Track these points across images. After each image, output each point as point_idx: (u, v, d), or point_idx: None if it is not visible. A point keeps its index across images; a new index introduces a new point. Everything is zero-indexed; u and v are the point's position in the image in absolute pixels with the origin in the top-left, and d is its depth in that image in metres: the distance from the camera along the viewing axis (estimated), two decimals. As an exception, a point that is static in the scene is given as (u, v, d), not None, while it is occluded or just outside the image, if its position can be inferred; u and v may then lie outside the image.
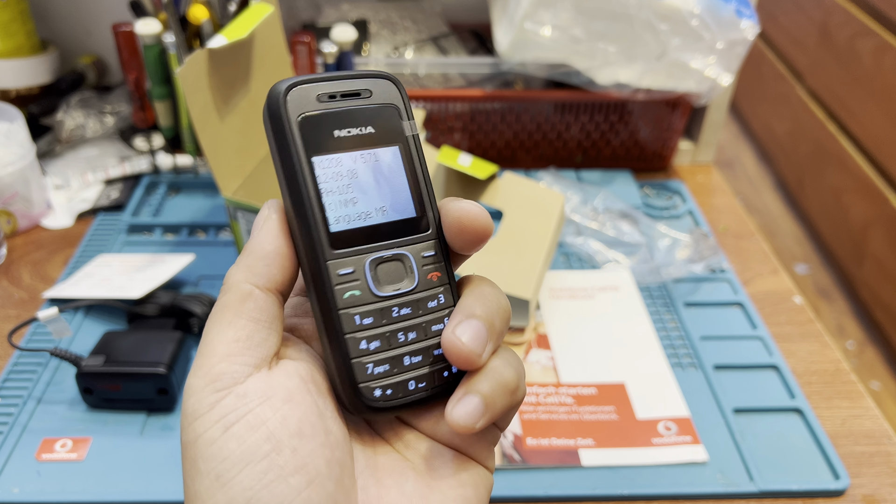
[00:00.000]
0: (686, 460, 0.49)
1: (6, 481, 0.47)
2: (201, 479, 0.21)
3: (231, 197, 0.56)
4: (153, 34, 0.68)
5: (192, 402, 0.22)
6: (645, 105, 0.78)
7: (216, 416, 0.21)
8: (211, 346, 0.23)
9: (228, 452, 0.21)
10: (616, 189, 0.77)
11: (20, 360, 0.55)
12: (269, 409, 0.22)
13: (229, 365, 0.22)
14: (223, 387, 0.22)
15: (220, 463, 0.21)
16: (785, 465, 0.49)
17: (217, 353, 0.22)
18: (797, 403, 0.54)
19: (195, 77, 0.52)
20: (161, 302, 0.57)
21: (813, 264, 1.40)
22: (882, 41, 1.23)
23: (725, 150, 1.74)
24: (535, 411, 0.52)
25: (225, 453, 0.21)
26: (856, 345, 1.22)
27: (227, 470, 0.21)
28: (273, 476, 0.21)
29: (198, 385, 0.22)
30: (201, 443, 0.21)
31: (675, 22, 0.69)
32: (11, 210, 0.68)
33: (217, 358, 0.22)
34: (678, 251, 0.67)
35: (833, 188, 1.38)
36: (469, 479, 0.24)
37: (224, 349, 0.22)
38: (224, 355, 0.22)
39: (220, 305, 0.23)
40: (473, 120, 0.79)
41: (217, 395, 0.22)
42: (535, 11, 0.70)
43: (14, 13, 0.75)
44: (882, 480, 0.49)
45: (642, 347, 0.58)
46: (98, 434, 0.50)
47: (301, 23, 0.89)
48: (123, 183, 0.76)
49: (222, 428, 0.21)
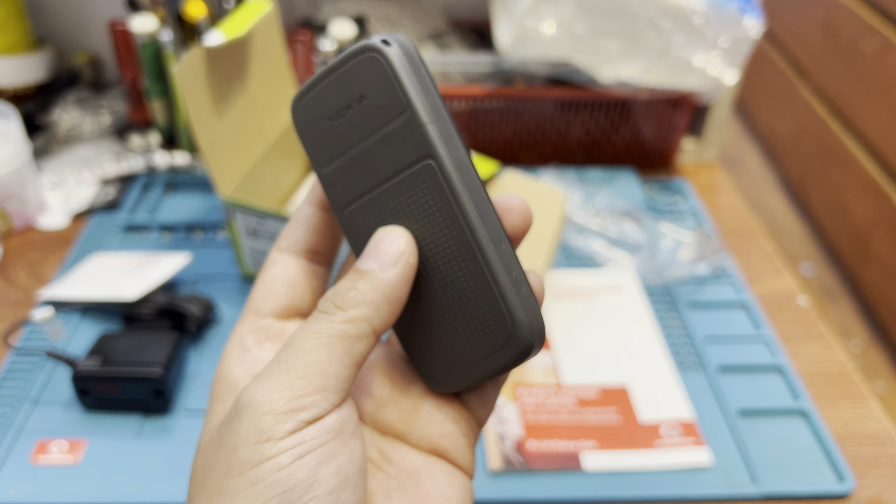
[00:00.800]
0: (690, 463, 0.48)
1: (1, 483, 0.46)
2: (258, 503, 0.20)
3: (228, 196, 0.56)
4: (149, 32, 0.68)
5: (268, 422, 0.21)
6: (648, 103, 0.77)
7: (292, 442, 0.20)
8: (310, 370, 0.21)
9: (296, 483, 0.20)
10: (618, 188, 0.77)
11: (15, 361, 0.55)
12: (341, 443, 0.21)
13: (322, 400, 0.21)
14: (307, 419, 0.21)
15: (285, 491, 0.20)
16: (789, 467, 0.49)
17: (315, 384, 0.21)
18: (801, 405, 0.53)
19: (192, 75, 0.51)
20: (157, 303, 0.56)
21: (817, 264, 1.39)
22: (886, 40, 1.22)
23: (729, 149, 1.73)
24: (536, 413, 0.51)
25: (292, 482, 0.20)
26: (860, 345, 1.22)
27: (292, 501, 0.20)
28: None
29: (281, 406, 0.21)
30: (269, 466, 0.20)
31: (678, 19, 0.68)
32: (6, 209, 0.68)
33: (313, 388, 0.21)
34: (681, 251, 0.66)
35: (837, 187, 1.37)
36: (454, 494, 0.24)
37: (323, 382, 0.21)
38: (321, 388, 0.21)
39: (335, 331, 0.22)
40: (474, 118, 0.78)
41: (299, 425, 0.21)
42: (536, 8, 0.69)
43: (9, 11, 0.74)
44: (887, 482, 0.49)
45: (645, 348, 0.57)
46: (94, 436, 0.49)
47: (299, 20, 0.88)
48: (119, 182, 0.75)
49: (295, 455, 0.20)
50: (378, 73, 0.23)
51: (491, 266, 0.22)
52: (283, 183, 0.65)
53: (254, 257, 0.60)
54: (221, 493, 0.20)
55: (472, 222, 0.23)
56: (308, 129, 0.24)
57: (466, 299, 0.23)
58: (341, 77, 0.24)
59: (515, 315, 0.22)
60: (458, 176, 0.23)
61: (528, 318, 0.23)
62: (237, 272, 0.63)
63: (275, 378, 0.21)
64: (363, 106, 0.23)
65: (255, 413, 0.21)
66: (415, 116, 0.22)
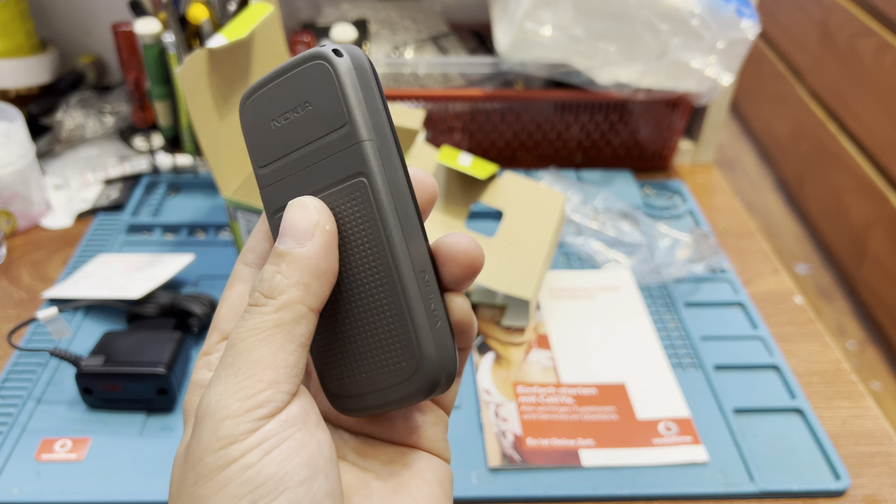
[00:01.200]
0: (686, 460, 0.49)
1: (6, 481, 0.47)
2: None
3: (231, 197, 0.56)
4: (153, 34, 0.68)
5: (228, 426, 0.21)
6: (645, 105, 0.78)
7: (256, 440, 0.20)
8: (257, 367, 0.21)
9: (266, 478, 0.20)
10: (616, 189, 0.77)
11: (20, 361, 0.55)
12: (307, 434, 0.21)
13: (276, 393, 0.21)
14: (266, 415, 0.21)
15: (256, 488, 0.20)
16: (785, 465, 0.49)
17: (265, 379, 0.21)
18: (798, 404, 0.54)
19: (195, 77, 0.51)
20: (161, 302, 0.56)
21: (813, 264, 1.40)
22: (882, 41, 1.23)
23: (726, 150, 1.74)
24: (535, 411, 0.52)
25: (262, 478, 0.20)
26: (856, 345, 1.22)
27: (264, 496, 0.20)
28: (308, 502, 0.20)
29: (236, 409, 0.21)
30: (237, 467, 0.20)
31: (676, 21, 0.69)
32: (11, 210, 0.68)
33: (264, 384, 0.21)
34: (678, 251, 0.67)
35: (833, 188, 1.38)
36: (433, 477, 0.24)
37: (272, 375, 0.21)
38: (271, 382, 0.21)
39: (271, 322, 0.22)
40: (473, 120, 0.79)
41: (258, 423, 0.21)
42: (535, 11, 0.69)
43: (13, 13, 0.75)
44: (883, 481, 0.49)
45: (643, 347, 0.58)
46: (98, 434, 0.50)
47: (301, 22, 0.89)
48: (123, 183, 0.76)
49: (262, 452, 0.20)
50: (325, 81, 0.22)
51: (408, 296, 0.22)
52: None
53: (256, 257, 0.61)
54: (194, 500, 0.20)
55: (396, 247, 0.22)
56: (252, 128, 0.24)
57: (381, 325, 0.23)
58: (289, 80, 0.23)
59: (424, 348, 0.22)
60: (390, 197, 0.22)
61: (438, 353, 0.22)
62: (239, 272, 0.64)
63: (224, 384, 0.21)
64: (307, 112, 0.23)
65: (212, 421, 0.21)
66: (354, 131, 0.22)
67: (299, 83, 0.23)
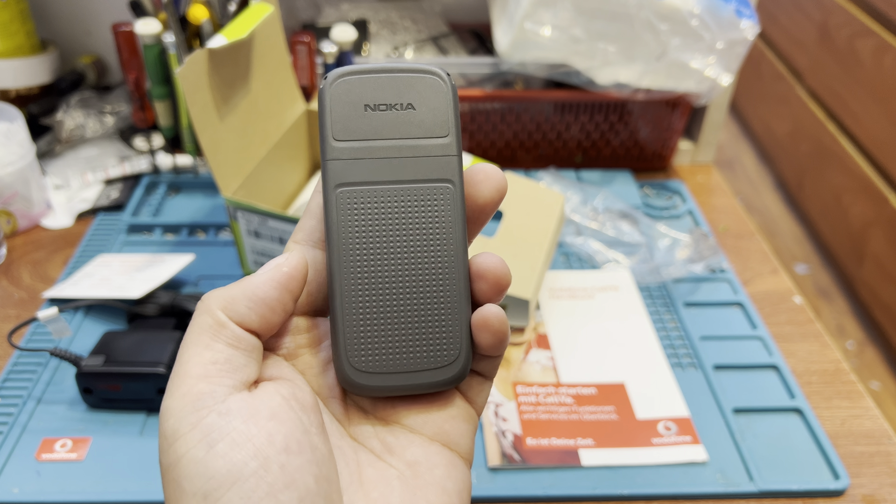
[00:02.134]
0: (686, 460, 0.49)
1: (6, 481, 0.47)
2: (187, 500, 0.20)
3: (231, 197, 0.56)
4: (153, 34, 0.68)
5: (171, 424, 0.21)
6: (645, 105, 0.78)
7: (199, 434, 0.21)
8: (187, 367, 0.22)
9: (214, 471, 0.20)
10: (616, 189, 0.77)
11: (20, 360, 0.55)
12: (253, 426, 0.21)
13: (209, 385, 0.22)
14: (204, 406, 0.21)
15: (206, 482, 0.20)
16: (785, 465, 0.50)
17: (194, 375, 0.22)
18: (797, 403, 0.54)
19: (195, 77, 0.52)
20: (161, 302, 0.57)
21: (813, 264, 1.40)
22: (882, 41, 1.23)
23: (725, 150, 1.74)
24: (534, 411, 0.52)
25: (211, 472, 0.20)
26: (856, 345, 1.22)
27: (215, 489, 0.20)
28: (262, 493, 0.20)
29: (176, 406, 0.21)
30: (185, 462, 0.21)
31: (675, 22, 0.69)
32: (11, 210, 0.68)
33: (194, 379, 0.22)
34: (678, 251, 0.67)
35: (833, 188, 1.38)
36: (453, 487, 0.24)
37: (201, 370, 0.22)
38: (202, 376, 0.22)
39: (195, 326, 0.23)
40: (473, 120, 0.79)
41: (198, 415, 0.21)
42: (534, 11, 0.70)
43: (14, 13, 0.75)
44: (882, 480, 0.49)
45: (642, 347, 0.58)
46: (98, 434, 0.50)
47: (301, 22, 0.89)
48: (123, 183, 0.76)
49: (206, 446, 0.21)
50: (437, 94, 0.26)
51: (463, 294, 0.25)
52: (286, 184, 0.66)
53: (256, 257, 0.61)
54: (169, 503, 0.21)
55: (462, 250, 0.25)
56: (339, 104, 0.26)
57: (434, 312, 0.25)
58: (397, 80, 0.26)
59: (466, 341, 0.25)
60: (464, 207, 0.25)
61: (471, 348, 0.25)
62: (239, 272, 0.64)
63: (171, 386, 0.22)
64: (408, 113, 0.26)
65: (163, 422, 0.22)
66: (453, 144, 0.26)
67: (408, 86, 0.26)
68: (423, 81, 0.26)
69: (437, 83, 0.26)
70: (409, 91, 0.26)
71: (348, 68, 0.26)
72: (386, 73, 0.26)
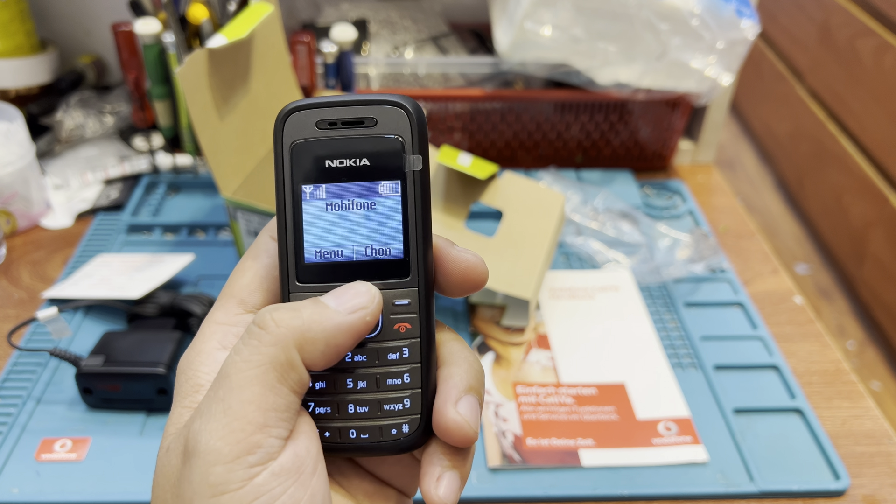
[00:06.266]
0: (686, 460, 0.49)
1: (5, 481, 0.47)
2: None
3: (230, 197, 0.56)
4: (153, 34, 0.68)
5: (219, 473, 0.20)
6: (645, 105, 0.78)
7: (250, 496, 0.20)
8: (245, 407, 0.20)
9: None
10: (616, 189, 0.77)
11: (20, 361, 0.55)
12: (301, 488, 0.20)
13: (265, 437, 0.20)
14: (257, 462, 0.20)
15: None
16: (785, 465, 0.49)
17: (252, 421, 0.20)
18: (797, 404, 0.54)
19: (195, 77, 0.51)
20: (160, 302, 0.56)
21: (813, 264, 1.40)
22: (882, 41, 1.23)
23: (726, 150, 1.74)
24: (535, 411, 0.52)
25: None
26: (856, 345, 1.22)
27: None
28: None
29: (227, 453, 0.20)
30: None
31: (676, 21, 0.69)
32: (11, 210, 0.68)
33: (252, 427, 0.20)
34: (678, 251, 0.67)
35: (833, 188, 1.38)
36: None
37: (261, 418, 0.20)
38: (260, 426, 0.20)
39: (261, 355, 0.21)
40: (473, 120, 0.79)
41: (250, 472, 0.20)
42: (535, 11, 0.69)
43: (13, 13, 0.75)
44: (882, 481, 0.49)
45: (642, 347, 0.58)
46: (97, 434, 0.50)
47: (301, 22, 0.89)
48: (123, 183, 0.76)
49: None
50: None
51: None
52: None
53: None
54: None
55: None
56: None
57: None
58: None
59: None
60: None
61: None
62: (239, 272, 0.64)
63: (214, 421, 0.20)
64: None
65: (202, 463, 0.20)
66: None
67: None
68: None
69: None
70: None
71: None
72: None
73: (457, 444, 0.22)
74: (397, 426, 0.23)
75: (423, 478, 0.23)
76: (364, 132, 0.24)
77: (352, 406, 0.23)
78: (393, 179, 0.24)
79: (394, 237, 0.24)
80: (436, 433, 0.23)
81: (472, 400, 0.23)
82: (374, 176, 0.24)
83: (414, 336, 0.24)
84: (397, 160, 0.24)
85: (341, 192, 0.24)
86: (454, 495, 0.22)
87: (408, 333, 0.24)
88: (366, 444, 0.23)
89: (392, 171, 0.24)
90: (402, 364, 0.23)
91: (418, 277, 0.24)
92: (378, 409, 0.23)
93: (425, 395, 0.23)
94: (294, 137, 0.24)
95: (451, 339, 0.25)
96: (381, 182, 0.24)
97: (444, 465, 0.23)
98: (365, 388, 0.23)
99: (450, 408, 0.22)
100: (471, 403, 0.23)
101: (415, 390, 0.23)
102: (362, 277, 0.23)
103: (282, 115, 0.24)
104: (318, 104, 0.24)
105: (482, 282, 0.24)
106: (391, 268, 0.24)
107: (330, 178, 0.24)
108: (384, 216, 0.24)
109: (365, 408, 0.23)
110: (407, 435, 0.23)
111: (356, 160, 0.24)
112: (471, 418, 0.22)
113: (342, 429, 0.23)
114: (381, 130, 0.24)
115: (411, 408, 0.23)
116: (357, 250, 0.24)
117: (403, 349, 0.23)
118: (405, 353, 0.23)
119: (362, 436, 0.23)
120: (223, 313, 0.24)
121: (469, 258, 0.24)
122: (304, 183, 0.24)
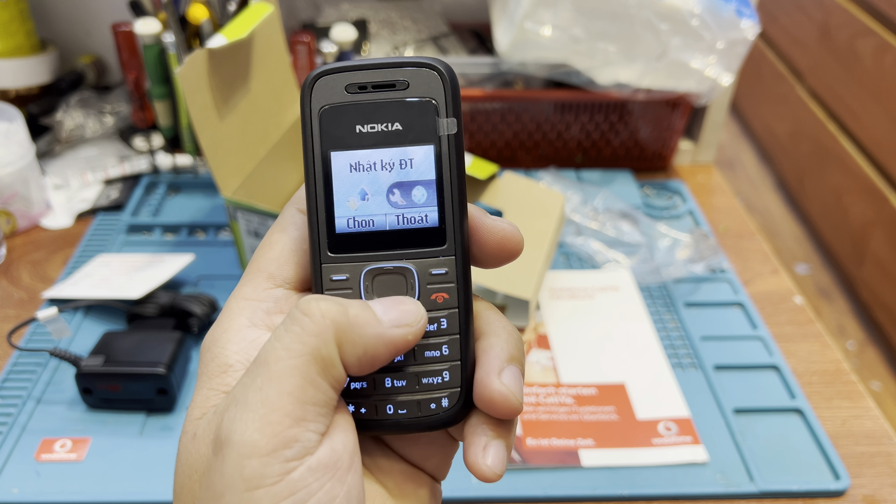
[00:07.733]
0: (686, 460, 0.49)
1: (5, 481, 0.47)
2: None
3: (231, 197, 0.56)
4: (153, 34, 0.68)
5: (254, 466, 0.19)
6: (645, 105, 0.78)
7: (286, 491, 0.19)
8: (286, 401, 0.19)
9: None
10: (616, 189, 0.77)
11: (20, 361, 0.55)
12: (337, 483, 0.20)
13: (303, 431, 0.19)
14: (294, 457, 0.19)
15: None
16: (785, 465, 0.49)
17: (291, 414, 0.19)
18: (797, 404, 0.54)
19: (195, 77, 0.52)
20: (161, 302, 0.56)
21: (813, 264, 1.40)
22: (882, 41, 1.23)
23: (726, 150, 1.74)
24: (535, 411, 0.52)
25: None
26: (856, 345, 1.22)
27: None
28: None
29: (263, 446, 0.19)
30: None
31: (676, 22, 0.69)
32: (11, 210, 0.68)
33: (290, 420, 0.19)
34: (678, 251, 0.67)
35: (833, 188, 1.38)
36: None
37: (299, 411, 0.19)
38: (299, 419, 0.19)
39: (302, 344, 0.20)
40: (473, 120, 0.79)
41: (286, 466, 0.19)
42: (535, 11, 0.69)
43: (13, 13, 0.75)
44: (882, 481, 0.49)
45: (642, 347, 0.58)
46: (97, 434, 0.50)
47: (301, 22, 0.89)
48: (123, 183, 0.76)
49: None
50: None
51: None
52: (285, 184, 0.66)
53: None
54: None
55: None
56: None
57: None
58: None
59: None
60: None
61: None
62: (239, 272, 0.64)
63: (251, 411, 0.19)
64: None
65: (236, 455, 0.19)
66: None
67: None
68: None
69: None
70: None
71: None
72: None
73: (502, 415, 0.22)
74: (436, 400, 0.22)
75: (467, 449, 0.22)
76: (396, 95, 0.23)
77: (388, 380, 0.22)
78: (427, 144, 0.23)
79: (429, 204, 0.23)
80: (478, 406, 0.22)
81: (515, 370, 0.22)
82: (407, 141, 0.23)
83: (452, 306, 0.23)
84: (431, 124, 0.23)
85: (373, 159, 0.23)
86: (502, 465, 0.22)
87: (445, 304, 0.23)
88: (403, 420, 0.22)
89: (426, 135, 0.23)
90: (441, 336, 0.22)
91: (455, 245, 0.23)
92: (416, 382, 0.22)
93: (465, 367, 0.23)
94: (322, 102, 0.23)
95: (487, 308, 0.24)
96: (415, 147, 0.23)
97: (489, 436, 0.22)
98: (402, 361, 0.22)
99: (493, 379, 0.22)
100: (514, 373, 0.22)
101: (454, 363, 0.22)
102: (397, 247, 0.23)
103: (309, 80, 0.23)
104: (347, 67, 0.23)
105: (518, 251, 0.23)
106: (427, 236, 0.23)
107: (361, 143, 0.23)
108: (416, 183, 0.23)
109: (402, 381, 0.22)
110: (446, 409, 0.22)
111: (388, 125, 0.23)
112: (515, 389, 0.22)
113: (378, 405, 0.22)
114: (414, 93, 0.23)
115: (451, 381, 0.22)
116: (390, 219, 0.23)
117: (441, 320, 0.22)
118: (443, 325, 0.22)
119: (400, 411, 0.22)
120: (251, 288, 0.23)
121: (506, 227, 0.23)
122: (334, 149, 0.23)
